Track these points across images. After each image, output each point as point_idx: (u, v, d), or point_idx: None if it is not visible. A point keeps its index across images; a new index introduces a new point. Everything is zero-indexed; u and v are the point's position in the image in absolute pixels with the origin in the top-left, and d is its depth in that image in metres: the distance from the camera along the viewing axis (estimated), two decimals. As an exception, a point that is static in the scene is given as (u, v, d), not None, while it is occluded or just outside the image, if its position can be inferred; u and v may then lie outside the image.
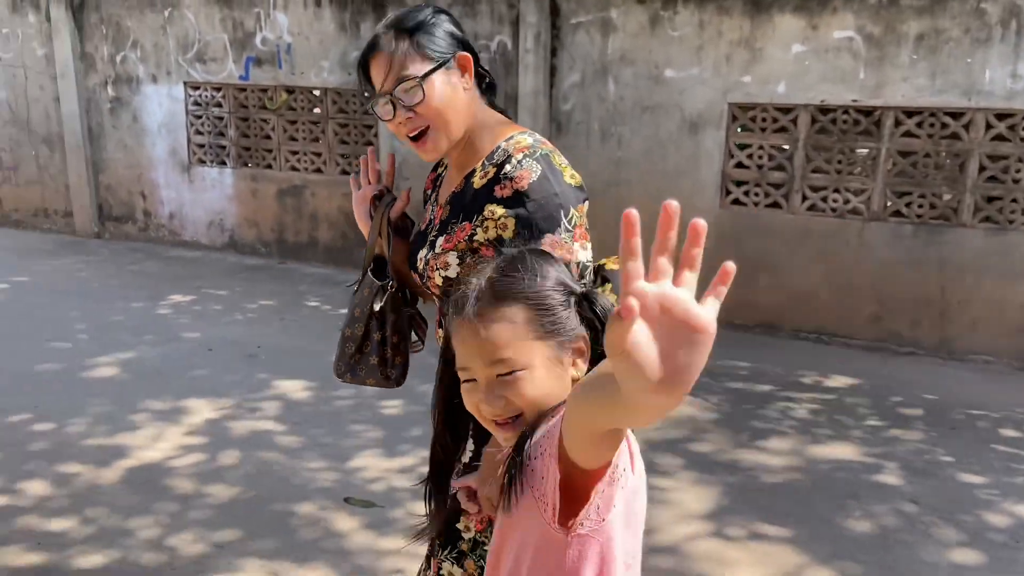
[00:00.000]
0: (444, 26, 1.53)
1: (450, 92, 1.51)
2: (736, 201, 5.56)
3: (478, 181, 1.50)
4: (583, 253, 1.44)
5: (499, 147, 1.51)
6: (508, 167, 1.45)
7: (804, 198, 5.39)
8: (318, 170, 6.93)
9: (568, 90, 5.80)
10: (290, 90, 6.86)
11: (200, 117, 7.26)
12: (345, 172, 6.81)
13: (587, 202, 1.48)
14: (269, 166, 7.13)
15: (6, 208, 8.33)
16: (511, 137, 1.52)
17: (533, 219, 1.41)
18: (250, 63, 6.87)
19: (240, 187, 7.25)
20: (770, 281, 5.51)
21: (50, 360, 4.68)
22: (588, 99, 5.75)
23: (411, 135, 1.54)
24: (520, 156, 1.46)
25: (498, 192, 1.44)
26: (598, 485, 1.02)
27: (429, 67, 1.49)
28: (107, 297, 5.95)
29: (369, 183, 1.77)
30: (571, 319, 1.17)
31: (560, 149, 1.59)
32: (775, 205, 5.48)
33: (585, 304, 1.18)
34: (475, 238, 1.46)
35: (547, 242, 1.39)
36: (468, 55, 1.53)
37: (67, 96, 7.57)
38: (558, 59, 5.80)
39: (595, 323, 1.18)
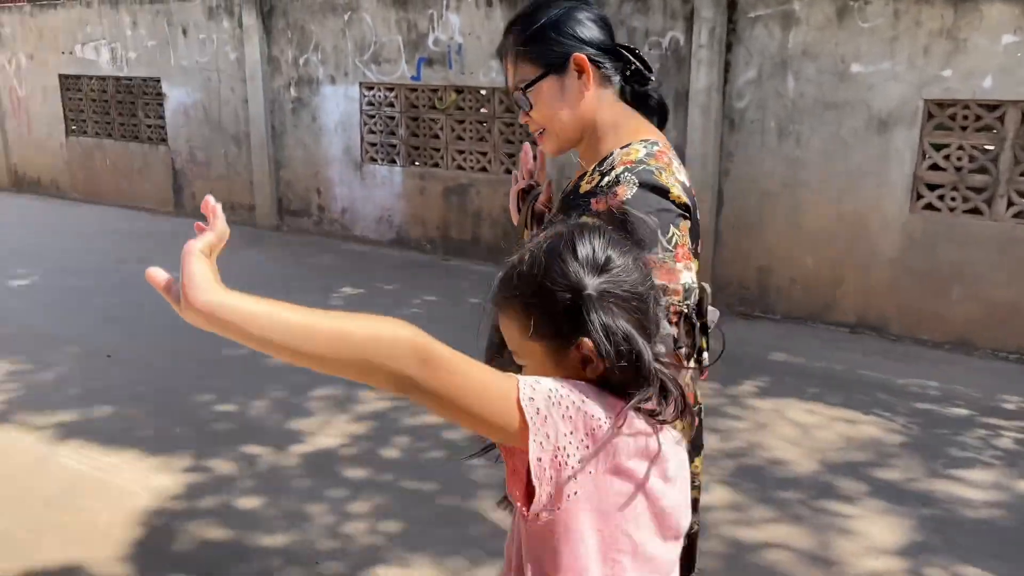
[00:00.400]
0: (562, 25, 1.47)
1: (559, 98, 1.49)
2: (929, 206, 5.11)
3: (584, 186, 1.47)
4: (687, 275, 1.37)
5: (613, 153, 1.46)
6: (607, 179, 1.40)
7: (1010, 203, 4.87)
8: (483, 169, 7.02)
9: (743, 87, 5.55)
10: (459, 90, 6.98)
11: (373, 117, 7.54)
12: (508, 171, 6.86)
13: (690, 221, 1.40)
14: (436, 165, 7.30)
15: (197, 201, 8.99)
16: (628, 144, 1.46)
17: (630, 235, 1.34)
18: (422, 64, 7.05)
19: (408, 185, 7.46)
20: (965, 293, 5.03)
21: (234, 346, 4.96)
22: (764, 96, 5.47)
23: (532, 133, 1.59)
24: (621, 169, 1.40)
25: (594, 205, 1.40)
26: (533, 469, 0.95)
27: (537, 74, 1.48)
28: (285, 288, 6.28)
29: (524, 178, 1.81)
30: (572, 323, 1.03)
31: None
32: (975, 211, 4.99)
33: (585, 307, 1.02)
34: None
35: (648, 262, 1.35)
36: (583, 56, 1.46)
37: (254, 97, 8.08)
38: (733, 55, 5.55)
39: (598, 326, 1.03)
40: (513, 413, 0.94)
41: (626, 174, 1.38)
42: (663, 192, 1.37)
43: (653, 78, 1.55)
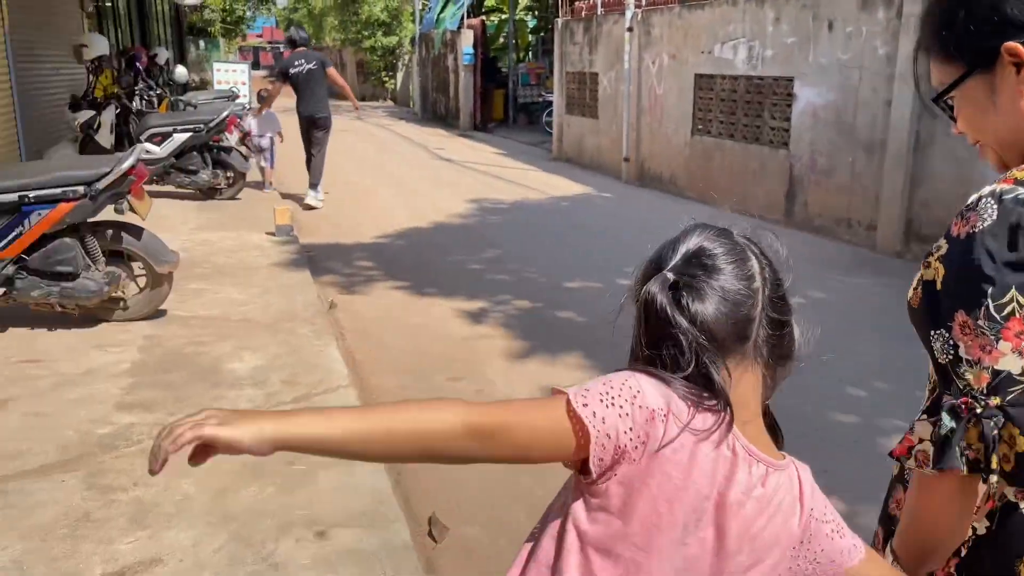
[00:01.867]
0: (987, 5, 1.03)
1: (990, 102, 1.07)
2: None
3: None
4: (1012, 360, 0.97)
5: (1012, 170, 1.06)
6: (970, 200, 1.04)
7: None
8: None
9: None
10: None
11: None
12: None
13: None
14: None
15: (810, 211, 8.20)
16: None
17: (953, 280, 1.02)
18: None
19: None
20: None
21: (843, 410, 4.02)
22: None
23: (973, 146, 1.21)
24: (991, 190, 1.02)
25: (953, 229, 1.04)
26: (593, 469, 0.99)
27: (958, 74, 1.09)
28: (903, 333, 5.05)
29: None
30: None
31: None
32: None
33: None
34: (925, 272, 1.07)
35: (958, 321, 1.01)
36: (1017, 44, 1.01)
37: (900, 100, 6.87)
38: None
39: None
40: (568, 434, 0.96)
41: (988, 200, 1.01)
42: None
43: None
